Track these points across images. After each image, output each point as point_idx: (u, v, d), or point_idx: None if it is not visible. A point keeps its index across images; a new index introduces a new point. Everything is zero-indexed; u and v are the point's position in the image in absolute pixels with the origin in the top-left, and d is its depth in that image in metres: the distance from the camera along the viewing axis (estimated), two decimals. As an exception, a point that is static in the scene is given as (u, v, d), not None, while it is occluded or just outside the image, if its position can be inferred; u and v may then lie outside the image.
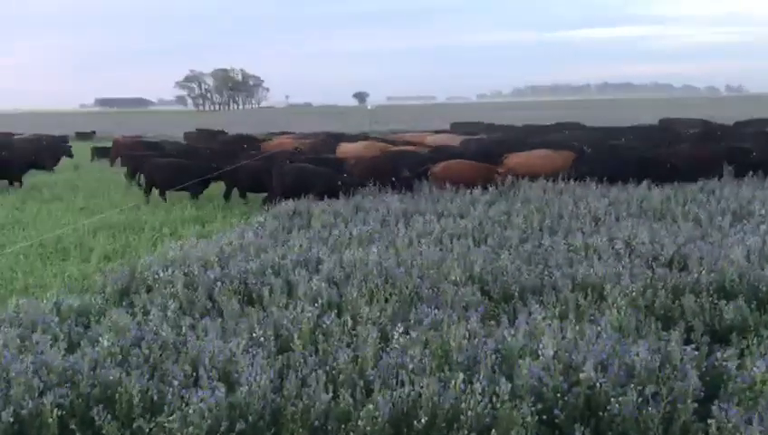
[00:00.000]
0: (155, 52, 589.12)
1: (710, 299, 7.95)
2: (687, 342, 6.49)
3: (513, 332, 6.47)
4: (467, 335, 6.59)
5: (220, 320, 7.66)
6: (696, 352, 6.05)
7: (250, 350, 6.59)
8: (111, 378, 5.97)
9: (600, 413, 5.39)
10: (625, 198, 15.24)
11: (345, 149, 24.40)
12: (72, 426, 5.53)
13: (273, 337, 6.96)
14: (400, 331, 6.62)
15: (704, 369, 5.88)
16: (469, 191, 16.45)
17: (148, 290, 9.23)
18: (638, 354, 5.87)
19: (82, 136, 50.64)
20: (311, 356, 6.46)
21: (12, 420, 5.48)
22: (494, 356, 6.00)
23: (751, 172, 17.25)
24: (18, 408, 5.57)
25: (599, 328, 6.77)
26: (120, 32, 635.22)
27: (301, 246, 11.31)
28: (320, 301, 8.08)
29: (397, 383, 5.71)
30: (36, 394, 5.68)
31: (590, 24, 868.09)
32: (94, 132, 53.02)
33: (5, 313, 8.10)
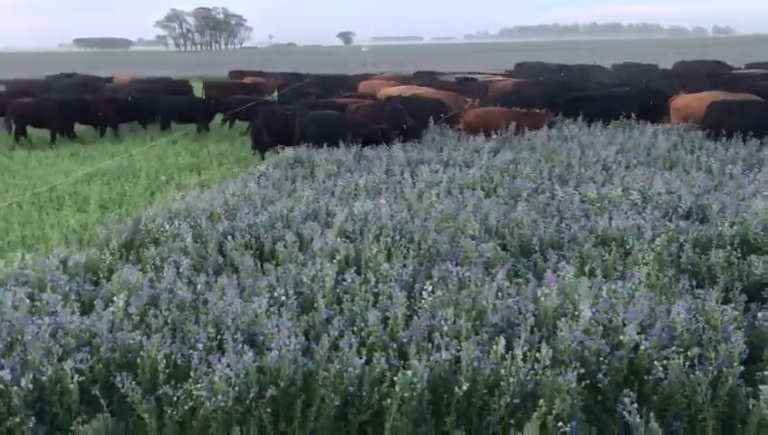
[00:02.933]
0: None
1: (736, 254, 7.77)
2: (723, 300, 6.32)
3: (546, 291, 6.24)
4: (499, 294, 6.37)
5: (236, 277, 7.39)
6: (736, 313, 5.88)
7: (272, 309, 6.37)
8: (132, 342, 5.72)
9: (645, 378, 5.23)
10: (632, 145, 14.99)
11: (392, 91, 23.07)
12: (95, 392, 5.29)
13: (294, 296, 6.70)
14: (428, 290, 6.38)
15: (743, 329, 5.72)
16: (472, 138, 16.14)
17: (156, 244, 8.92)
18: (678, 314, 5.69)
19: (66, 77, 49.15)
20: (337, 317, 6.22)
21: (31, 386, 5.23)
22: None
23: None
24: (38, 374, 5.31)
25: (632, 286, 6.58)
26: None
27: (307, 197, 10.99)
28: (337, 256, 7.82)
29: (432, 347, 5.50)
30: (55, 359, 5.42)
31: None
32: (75, 74, 51.47)
33: (10, 269, 7.76)
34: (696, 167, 12.85)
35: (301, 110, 18.39)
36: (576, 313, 5.88)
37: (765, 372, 4.83)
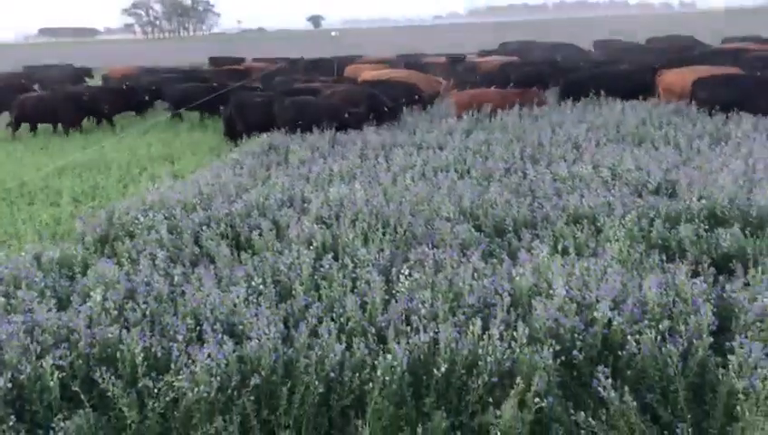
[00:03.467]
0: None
1: (704, 227, 7.94)
2: (693, 273, 6.47)
3: (521, 270, 6.34)
4: (475, 275, 6.46)
5: (213, 268, 7.39)
6: (705, 286, 6.03)
7: (251, 299, 6.40)
8: (110, 336, 5.72)
9: (619, 352, 5.36)
10: (602, 122, 15.17)
11: (369, 75, 23.31)
12: (75, 388, 5.28)
13: (272, 285, 6.74)
14: (405, 273, 6.45)
15: (712, 301, 5.87)
16: (445, 120, 16.21)
17: (130, 237, 8.88)
18: (649, 289, 5.82)
19: (33, 70, 48.11)
20: (315, 303, 6.27)
21: (10, 385, 5.21)
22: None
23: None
24: (16, 372, 5.29)
25: (604, 263, 6.71)
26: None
27: (282, 184, 10.98)
28: (314, 243, 7.86)
29: (411, 330, 5.57)
30: (33, 357, 5.39)
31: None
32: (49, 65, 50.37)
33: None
34: (665, 142, 13.07)
35: (270, 96, 18.32)
36: (550, 291, 6.00)
37: (734, 343, 4.97)
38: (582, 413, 4.75)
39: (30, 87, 27.15)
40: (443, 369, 5.09)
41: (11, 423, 5.02)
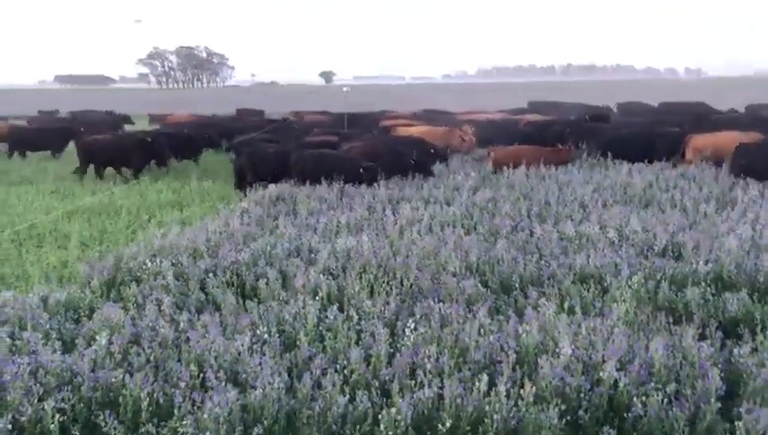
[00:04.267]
0: (117, 28, 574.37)
1: (711, 291, 7.93)
2: (700, 337, 6.44)
3: (527, 328, 6.33)
4: (481, 331, 6.45)
5: (218, 315, 7.40)
6: (712, 350, 5.99)
7: (255, 347, 6.39)
8: (114, 380, 5.70)
9: (624, 414, 5.31)
10: (609, 184, 15.28)
11: (408, 130, 23.38)
12: (75, 432, 5.25)
13: (277, 334, 6.73)
14: (411, 327, 6.45)
15: (720, 366, 5.83)
16: (452, 177, 16.36)
17: (137, 282, 8.91)
18: (656, 351, 5.79)
19: (45, 115, 49.02)
20: (319, 354, 6.25)
21: (10, 427, 5.18)
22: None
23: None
24: (17, 414, 5.26)
25: (610, 323, 6.69)
26: (80, 6, 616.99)
27: (290, 234, 11.05)
28: (320, 294, 7.87)
29: (415, 384, 5.54)
30: (36, 399, 5.37)
31: (555, 5, 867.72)
32: (57, 111, 51.35)
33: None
34: (671, 205, 13.13)
35: (283, 148, 18.59)
36: (557, 349, 5.98)
37: (742, 409, 4.92)
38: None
39: (77, 131, 27.92)
40: (448, 425, 5.05)
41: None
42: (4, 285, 10.15)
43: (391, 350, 6.36)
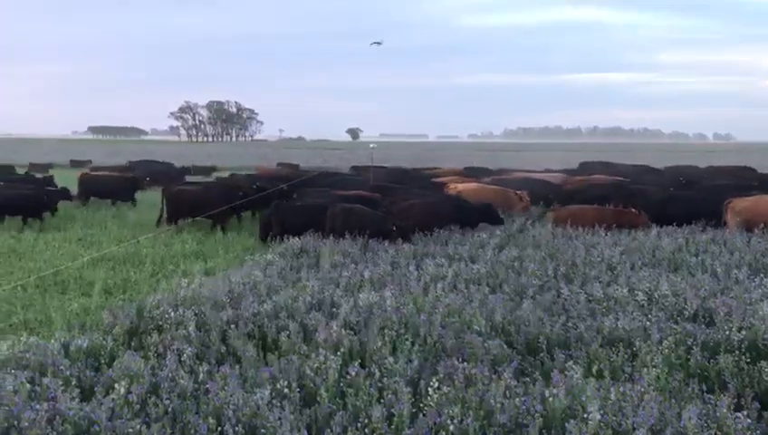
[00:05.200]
0: (149, 82, 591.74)
1: (745, 359, 7.67)
2: (735, 407, 6.19)
3: (554, 391, 6.14)
4: (507, 393, 6.27)
5: (239, 367, 7.30)
6: (749, 421, 5.75)
7: (274, 401, 6.26)
8: (131, 430, 5.60)
9: (657, 486, 5.07)
10: (636, 246, 15.07)
11: (458, 188, 23.14)
12: (89, 483, 5.13)
13: (297, 389, 6.60)
14: (435, 386, 6.29)
15: (757, 438, 5.58)
16: (477, 235, 16.27)
17: (159, 331, 8.86)
18: (689, 420, 5.57)
19: (77, 164, 50.17)
20: (340, 412, 6.11)
21: (24, 475, 5.09)
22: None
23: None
24: (32, 462, 5.17)
25: (641, 389, 6.47)
26: (115, 61, 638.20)
27: (313, 287, 10.99)
28: (341, 349, 7.74)
29: (438, 446, 5.36)
30: (51, 448, 5.29)
31: (583, 70, 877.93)
32: (90, 161, 52.48)
33: (11, 352, 7.68)
34: (702, 269, 12.86)
35: (311, 203, 18.71)
36: (585, 415, 5.77)
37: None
38: None
39: (143, 181, 29.10)
40: (471, 491, 4.85)
41: None
42: (27, 330, 10.16)
43: (414, 409, 6.20)
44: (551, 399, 6.12)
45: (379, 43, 57.65)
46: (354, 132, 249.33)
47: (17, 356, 7.52)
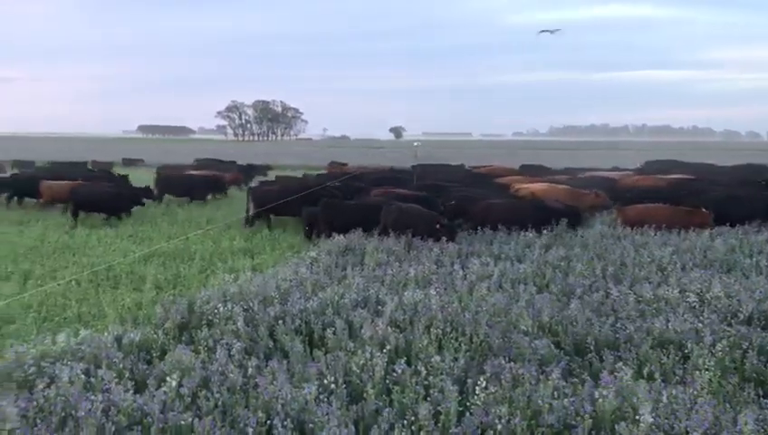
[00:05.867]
0: (197, 82, 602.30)
1: (804, 363, 7.43)
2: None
3: (604, 392, 6.05)
4: (555, 394, 6.20)
5: (286, 362, 7.39)
6: (809, 426, 5.57)
7: (321, 397, 6.32)
8: (183, 423, 5.72)
9: (712, 491, 4.95)
10: (687, 246, 14.73)
11: (526, 187, 23.09)
12: (143, 473, 5.26)
13: (344, 385, 6.65)
14: (482, 385, 6.26)
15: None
16: (523, 234, 16.09)
17: (209, 325, 9.02)
18: (746, 424, 5.42)
19: (129, 162, 51.27)
20: (386, 408, 6.12)
21: (81, 463, 5.24)
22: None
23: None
24: (88, 451, 5.32)
25: (693, 392, 6.33)
26: (164, 61, 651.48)
27: (358, 284, 11.05)
28: (387, 346, 7.76)
29: (485, 445, 5.34)
30: (107, 437, 5.44)
31: (631, 67, 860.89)
32: (142, 160, 53.48)
33: (67, 344, 7.92)
34: (756, 271, 12.50)
35: (359, 202, 18.76)
36: (636, 417, 5.67)
37: None
38: None
39: (223, 178, 30.16)
40: (519, 490, 4.81)
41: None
42: (81, 323, 10.47)
43: (460, 408, 6.17)
44: (600, 400, 6.03)
45: (551, 32, 53.08)
46: (397, 131, 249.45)
47: (73, 348, 7.74)
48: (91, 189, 23.09)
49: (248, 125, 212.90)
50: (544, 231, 16.21)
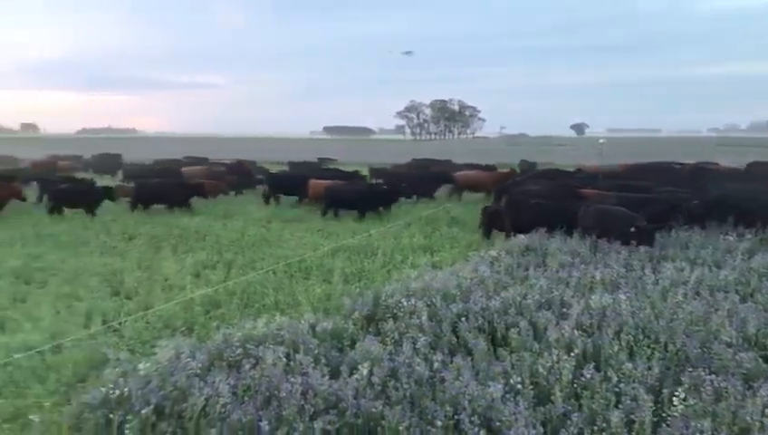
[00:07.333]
0: (377, 83, 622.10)
1: None
2: None
3: (826, 416, 5.46)
4: (765, 411, 5.70)
5: (470, 359, 7.45)
6: None
7: (508, 396, 6.30)
8: (374, 410, 5.97)
9: None
10: None
11: None
12: (338, 454, 5.56)
13: (530, 386, 6.58)
14: (680, 396, 5.90)
15: None
16: (722, 237, 14.86)
17: (394, 318, 9.32)
18: None
19: (324, 162, 53.81)
20: (575, 413, 5.97)
21: (284, 440, 5.65)
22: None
23: None
24: (291, 430, 5.73)
25: None
26: (346, 64, 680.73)
27: (541, 285, 10.84)
28: (575, 350, 7.56)
29: (685, 460, 5.03)
30: (307, 418, 5.82)
31: None
32: (336, 159, 55.81)
33: (267, 329, 8.57)
34: None
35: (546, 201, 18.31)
36: None
37: None
38: None
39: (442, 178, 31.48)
40: None
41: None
42: (278, 310, 11.27)
43: (654, 418, 5.87)
44: (821, 423, 5.45)
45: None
46: (579, 127, 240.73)
47: (273, 333, 8.36)
48: (353, 188, 25.02)
49: (426, 124, 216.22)
50: (747, 235, 14.87)
